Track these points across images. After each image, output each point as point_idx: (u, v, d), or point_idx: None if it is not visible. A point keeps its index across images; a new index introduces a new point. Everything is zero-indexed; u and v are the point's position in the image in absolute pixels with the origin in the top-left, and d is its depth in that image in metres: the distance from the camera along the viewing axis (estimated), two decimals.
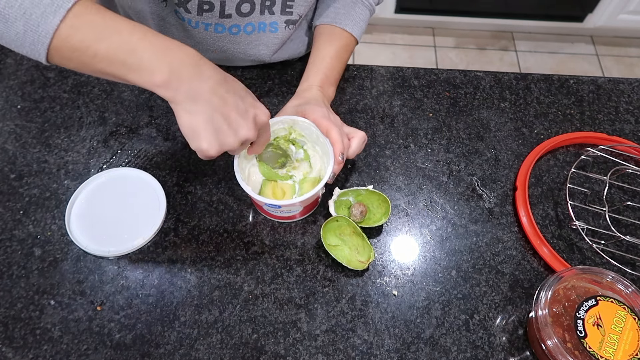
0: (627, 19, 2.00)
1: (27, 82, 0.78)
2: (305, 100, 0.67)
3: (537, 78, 0.84)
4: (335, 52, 0.73)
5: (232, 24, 0.70)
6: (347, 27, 0.74)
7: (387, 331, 0.59)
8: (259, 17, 0.71)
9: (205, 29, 0.70)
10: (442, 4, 2.05)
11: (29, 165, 0.70)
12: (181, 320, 0.59)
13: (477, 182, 0.72)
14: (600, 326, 0.53)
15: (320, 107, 0.64)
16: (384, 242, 0.66)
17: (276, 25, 0.73)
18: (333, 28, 0.74)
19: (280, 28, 0.74)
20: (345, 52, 0.74)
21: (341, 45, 0.74)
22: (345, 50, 0.74)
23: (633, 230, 0.68)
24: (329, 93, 0.72)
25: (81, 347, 0.57)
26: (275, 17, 0.72)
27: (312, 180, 0.64)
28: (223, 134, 0.48)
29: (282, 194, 0.63)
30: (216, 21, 0.69)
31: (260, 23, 0.72)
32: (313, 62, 0.73)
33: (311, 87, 0.70)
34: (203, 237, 0.65)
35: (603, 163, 0.74)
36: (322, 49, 0.73)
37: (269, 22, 0.72)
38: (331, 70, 0.72)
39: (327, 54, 0.73)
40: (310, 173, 0.65)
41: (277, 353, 0.57)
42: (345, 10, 0.74)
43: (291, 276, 0.63)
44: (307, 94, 0.69)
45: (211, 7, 0.66)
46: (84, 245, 0.63)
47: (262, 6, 0.69)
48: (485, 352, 0.58)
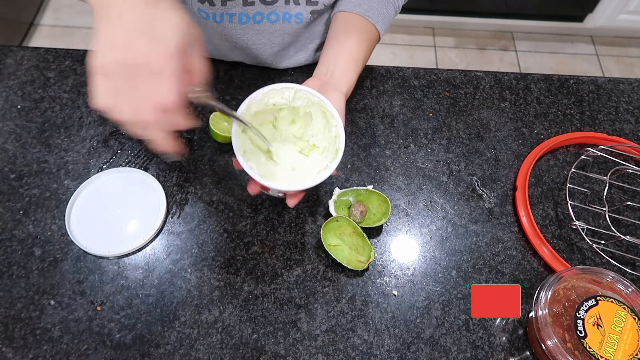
0: (627, 19, 2.00)
1: (27, 82, 0.78)
2: (325, 84, 0.61)
3: (537, 78, 0.84)
4: (367, 47, 0.68)
5: (255, 12, 0.69)
6: (378, 24, 0.69)
7: (387, 331, 0.59)
8: (284, 7, 0.69)
9: (229, 20, 0.69)
10: (442, 4, 2.05)
11: (29, 165, 0.70)
12: (181, 320, 0.59)
13: (477, 182, 0.72)
14: (600, 326, 0.53)
15: (341, 99, 0.59)
16: (384, 242, 0.66)
17: (301, 16, 0.71)
18: (364, 21, 0.68)
19: (305, 19, 0.72)
20: (371, 49, 0.70)
21: (370, 41, 0.69)
22: (372, 47, 0.70)
23: (633, 230, 0.68)
24: (350, 80, 0.65)
25: (81, 347, 0.57)
26: (301, 7, 0.70)
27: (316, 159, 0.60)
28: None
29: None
30: (240, 10, 0.68)
31: (285, 13, 0.70)
32: (339, 48, 0.66)
33: (333, 73, 0.64)
34: (203, 237, 0.65)
35: (603, 163, 0.74)
36: (349, 38, 0.67)
37: (294, 13, 0.71)
38: (357, 62, 0.66)
39: (355, 46, 0.67)
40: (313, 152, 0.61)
41: (277, 353, 0.57)
42: (379, 6, 0.70)
43: (291, 276, 0.63)
44: (327, 78, 0.63)
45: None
46: (84, 245, 0.63)
47: None
48: (485, 352, 0.58)
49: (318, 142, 0.60)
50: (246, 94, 0.55)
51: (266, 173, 0.57)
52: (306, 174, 0.58)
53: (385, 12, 0.70)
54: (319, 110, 0.58)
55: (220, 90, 0.78)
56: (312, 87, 0.57)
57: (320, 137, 0.60)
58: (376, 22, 0.68)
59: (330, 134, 0.57)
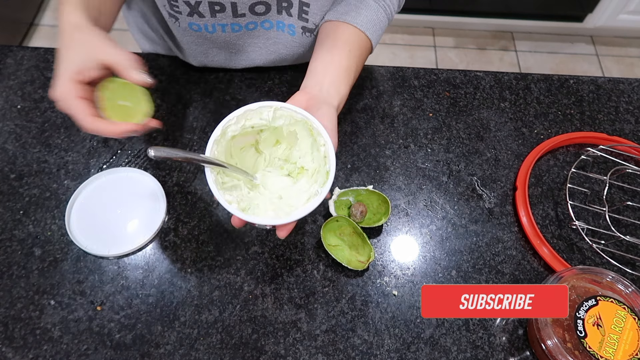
0: (627, 19, 2.00)
1: (27, 82, 0.78)
2: (314, 98, 0.56)
3: (537, 78, 0.84)
4: (359, 56, 0.63)
5: (247, 22, 0.68)
6: (369, 32, 0.64)
7: (387, 331, 0.59)
8: (277, 16, 0.68)
9: (222, 30, 0.68)
10: (442, 4, 2.05)
11: (29, 165, 0.70)
12: (181, 320, 0.59)
13: (477, 182, 0.72)
14: (600, 326, 0.53)
15: (333, 114, 0.54)
16: (384, 242, 0.66)
17: (294, 29, 0.70)
18: (354, 30, 0.64)
19: (297, 32, 0.70)
20: (364, 58, 0.65)
21: (361, 50, 0.64)
22: (364, 56, 0.65)
23: (633, 230, 0.68)
24: (342, 92, 0.60)
25: (81, 347, 0.57)
26: (293, 19, 0.68)
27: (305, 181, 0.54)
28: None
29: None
30: (231, 21, 0.67)
31: (278, 22, 0.69)
32: (326, 59, 0.61)
33: (322, 85, 0.58)
34: (203, 237, 0.65)
35: (603, 163, 0.74)
36: (338, 47, 0.62)
37: (287, 24, 0.69)
38: (347, 70, 0.61)
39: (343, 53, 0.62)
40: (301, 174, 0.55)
41: (277, 353, 0.57)
42: (370, 13, 0.65)
43: (291, 276, 0.63)
44: (316, 91, 0.58)
45: (222, 8, 0.64)
46: (84, 245, 0.63)
47: (278, 6, 0.65)
48: (485, 352, 0.58)
49: (306, 164, 0.55)
50: (246, 94, 0.55)
51: (250, 206, 0.52)
52: (295, 201, 0.52)
53: (376, 19, 0.65)
54: (304, 128, 0.53)
55: (220, 90, 0.78)
56: (298, 103, 0.53)
57: (308, 157, 0.54)
58: (366, 30, 0.63)
59: (319, 153, 0.52)
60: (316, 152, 0.53)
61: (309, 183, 0.53)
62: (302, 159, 0.55)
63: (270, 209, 0.52)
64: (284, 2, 0.65)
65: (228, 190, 0.50)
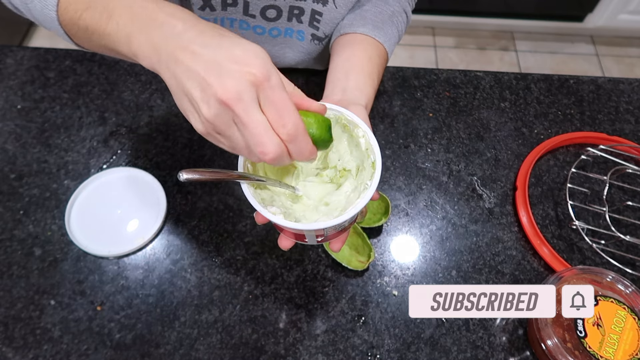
0: (627, 19, 2.00)
1: (27, 82, 0.78)
2: (339, 102, 0.51)
3: (537, 78, 0.84)
4: (379, 64, 0.60)
5: (255, 24, 0.67)
6: (386, 43, 0.63)
7: (387, 331, 0.59)
8: (287, 24, 0.67)
9: (230, 25, 0.68)
10: (442, 4, 2.05)
11: (29, 165, 0.70)
12: (181, 320, 0.59)
13: (477, 182, 0.72)
14: (600, 326, 0.53)
15: (363, 112, 0.50)
16: (384, 242, 0.66)
17: (303, 34, 0.69)
18: (371, 39, 0.62)
19: (306, 39, 0.69)
20: (383, 67, 0.63)
21: (380, 58, 0.61)
22: (383, 64, 0.63)
23: (633, 230, 0.68)
24: (368, 94, 0.56)
25: (81, 347, 0.57)
26: (303, 26, 0.67)
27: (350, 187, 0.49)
28: (187, 114, 0.38)
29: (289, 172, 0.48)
30: (241, 17, 0.66)
31: (287, 29, 0.68)
32: (353, 66, 0.58)
33: (346, 89, 0.55)
34: (203, 237, 0.65)
35: (603, 163, 0.74)
36: (357, 55, 0.60)
37: (296, 30, 0.68)
38: (372, 76, 0.59)
39: (368, 60, 0.59)
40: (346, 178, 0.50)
41: (277, 353, 0.57)
42: (384, 26, 0.64)
43: (291, 276, 0.63)
44: (340, 96, 0.55)
45: (234, 2, 0.63)
46: (84, 245, 0.63)
47: (289, 13, 0.65)
48: (485, 352, 0.58)
49: (347, 164, 0.50)
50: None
51: (297, 217, 0.46)
52: (344, 204, 0.47)
53: (391, 34, 0.64)
54: (337, 127, 0.48)
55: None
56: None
57: (347, 157, 0.50)
58: (384, 42, 0.62)
59: (359, 148, 0.47)
60: (355, 149, 0.49)
61: (354, 184, 0.49)
62: (342, 160, 0.50)
63: (319, 217, 0.47)
64: (295, 9, 0.65)
65: (269, 205, 0.45)
